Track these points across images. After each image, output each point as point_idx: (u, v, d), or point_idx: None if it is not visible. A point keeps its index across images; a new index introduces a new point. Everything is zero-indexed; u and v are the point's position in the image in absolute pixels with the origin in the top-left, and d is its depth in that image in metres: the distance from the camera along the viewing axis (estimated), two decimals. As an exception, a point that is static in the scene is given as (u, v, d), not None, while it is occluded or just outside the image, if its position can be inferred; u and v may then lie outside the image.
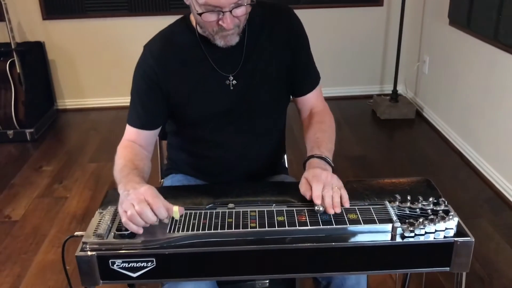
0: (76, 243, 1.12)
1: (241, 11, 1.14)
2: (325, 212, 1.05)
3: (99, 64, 3.86)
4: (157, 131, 1.34)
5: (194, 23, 1.26)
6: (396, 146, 3.32)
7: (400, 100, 3.67)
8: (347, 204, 1.07)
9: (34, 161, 3.13)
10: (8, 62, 3.29)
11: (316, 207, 1.05)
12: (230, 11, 1.11)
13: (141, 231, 1.01)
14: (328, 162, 1.20)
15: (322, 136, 1.29)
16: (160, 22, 1.37)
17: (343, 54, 3.93)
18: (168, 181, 1.46)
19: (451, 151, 3.09)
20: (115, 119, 3.75)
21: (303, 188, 1.12)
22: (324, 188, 1.07)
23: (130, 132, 1.30)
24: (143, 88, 1.27)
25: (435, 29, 3.37)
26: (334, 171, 1.19)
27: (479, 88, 2.80)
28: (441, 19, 3.19)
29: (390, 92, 3.73)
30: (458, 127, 3.09)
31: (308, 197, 1.09)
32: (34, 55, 3.61)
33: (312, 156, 1.21)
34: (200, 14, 1.13)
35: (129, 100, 1.31)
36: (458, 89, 3.08)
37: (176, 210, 1.05)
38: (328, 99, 4.35)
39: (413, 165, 2.94)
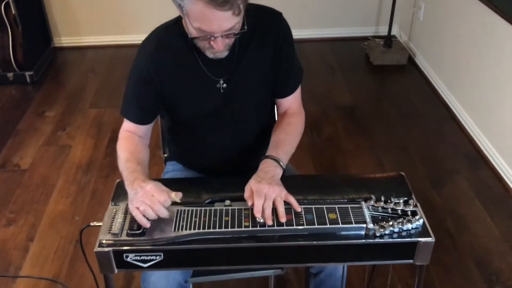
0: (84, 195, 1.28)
1: (232, 36, 1.22)
2: (265, 223, 1.18)
3: (94, 0, 3.83)
4: (153, 123, 1.46)
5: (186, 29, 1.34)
6: (386, 95, 3.43)
7: (394, 45, 3.71)
8: (298, 209, 1.21)
9: (36, 105, 3.24)
10: (3, 4, 3.27)
11: (257, 219, 1.18)
12: (222, 36, 1.19)
13: (148, 225, 1.17)
14: (280, 165, 1.32)
15: (284, 138, 1.39)
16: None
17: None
18: (170, 167, 1.61)
19: (438, 102, 3.21)
20: (112, 59, 3.80)
21: (246, 195, 1.23)
22: (265, 201, 1.19)
23: (128, 124, 1.42)
24: (139, 87, 1.37)
25: (433, -24, 3.34)
26: (320, 128, 1.30)
27: (469, 45, 2.87)
28: (439, -33, 3.16)
29: (385, 34, 3.76)
30: (447, 79, 3.19)
31: (250, 205, 1.21)
32: (28, -6, 3.57)
33: (267, 157, 1.33)
34: (192, 38, 1.21)
35: (124, 39, 1.38)
36: (450, 41, 3.14)
37: (173, 196, 1.21)
38: (323, 40, 4.40)
39: (401, 117, 3.08)
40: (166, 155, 1.75)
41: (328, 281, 1.44)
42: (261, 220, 1.19)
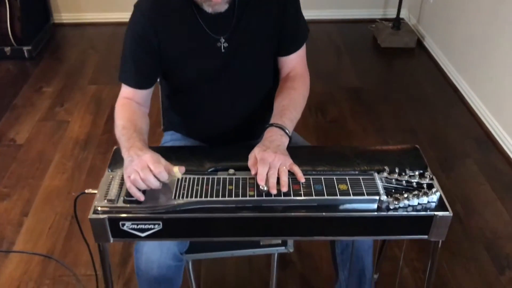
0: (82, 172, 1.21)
1: None
2: (269, 192, 1.10)
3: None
4: (152, 88, 1.38)
5: None
6: (394, 78, 3.33)
7: (402, 28, 3.62)
8: (302, 179, 1.12)
9: (34, 81, 3.15)
10: (1, -25, 3.18)
11: (260, 187, 1.10)
12: None
13: (142, 198, 1.08)
14: (286, 133, 1.24)
15: (288, 104, 1.31)
16: None
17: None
18: (168, 137, 1.53)
19: (447, 85, 3.13)
20: (112, 36, 3.71)
21: (250, 163, 1.16)
22: (270, 169, 1.11)
23: (126, 90, 1.33)
24: (135, 48, 1.28)
25: (445, -45, 3.24)
26: (326, 109, 1.23)
27: (480, 28, 2.78)
28: None
29: (394, 17, 3.66)
30: (457, 62, 3.10)
31: (253, 174, 1.13)
32: (27, -34, 3.47)
33: (272, 125, 1.25)
34: None
35: (125, 17, 1.28)
36: (461, 23, 3.04)
37: (177, 170, 1.12)
38: (330, 22, 4.30)
39: (409, 99, 2.99)
40: (164, 125, 1.67)
41: (355, 241, 1.36)
42: (265, 188, 1.11)
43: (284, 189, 1.11)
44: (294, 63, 1.40)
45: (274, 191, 1.10)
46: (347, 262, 1.46)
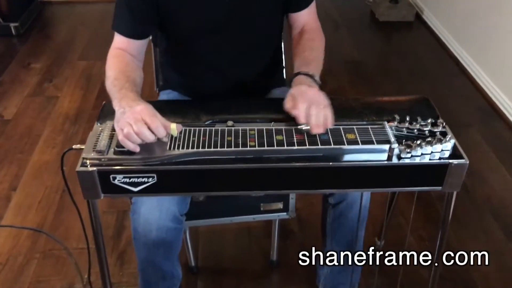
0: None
1: None
2: (310, 133, 1.03)
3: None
4: (148, 40, 1.28)
5: None
6: (393, 50, 3.26)
7: (401, 1, 3.53)
8: (330, 125, 1.05)
9: (22, 57, 3.04)
10: None
11: (303, 127, 1.02)
12: None
13: (138, 149, 1.00)
14: (315, 80, 1.17)
15: (310, 54, 1.24)
16: None
17: None
18: (164, 97, 1.44)
19: (447, 57, 3.05)
20: (103, 13, 3.60)
21: (288, 105, 1.08)
22: (311, 106, 1.03)
23: (119, 40, 1.23)
24: None
25: None
26: (325, 81, 1.18)
27: (483, -7, 2.70)
28: None
29: (391, -9, 3.58)
30: (457, 33, 3.02)
31: (293, 115, 1.06)
32: None
33: (299, 73, 1.17)
34: None
35: None
36: (462, -8, 2.96)
37: (174, 127, 1.03)
38: (325, -3, 4.06)
39: (409, 72, 2.91)
40: (159, 85, 1.56)
41: (349, 212, 1.29)
42: (308, 127, 1.02)
43: (320, 130, 1.03)
44: (306, 18, 1.32)
45: (320, 130, 1.02)
46: (336, 233, 1.38)
